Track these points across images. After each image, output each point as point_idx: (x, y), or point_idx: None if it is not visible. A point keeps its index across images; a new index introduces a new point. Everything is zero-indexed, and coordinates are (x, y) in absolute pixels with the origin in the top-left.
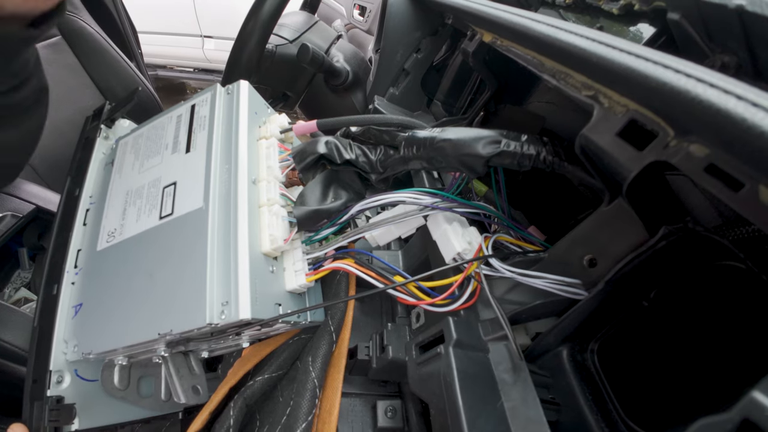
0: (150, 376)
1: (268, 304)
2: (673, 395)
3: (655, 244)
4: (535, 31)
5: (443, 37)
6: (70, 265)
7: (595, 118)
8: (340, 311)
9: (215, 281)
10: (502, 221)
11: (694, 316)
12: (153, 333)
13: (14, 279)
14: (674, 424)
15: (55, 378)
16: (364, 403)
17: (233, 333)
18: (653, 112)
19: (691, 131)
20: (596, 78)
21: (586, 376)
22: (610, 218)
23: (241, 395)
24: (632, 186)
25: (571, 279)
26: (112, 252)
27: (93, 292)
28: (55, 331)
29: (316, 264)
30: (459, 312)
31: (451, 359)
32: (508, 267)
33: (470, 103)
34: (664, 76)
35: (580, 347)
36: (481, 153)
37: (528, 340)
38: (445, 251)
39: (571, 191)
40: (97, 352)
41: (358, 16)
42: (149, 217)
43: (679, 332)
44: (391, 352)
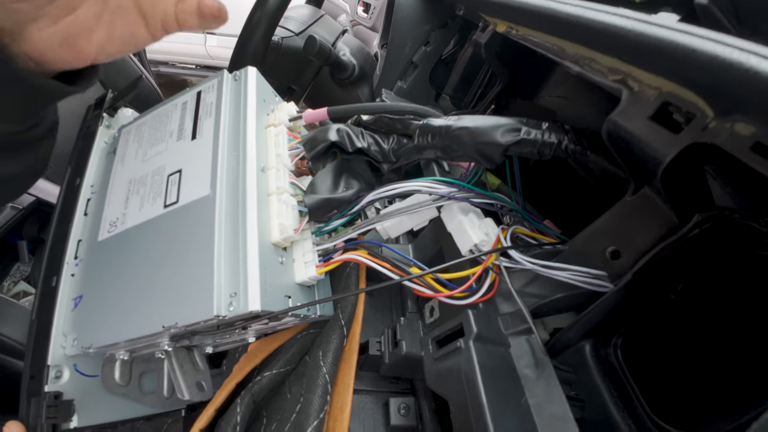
0: (152, 372)
1: (278, 296)
2: (701, 391)
3: (687, 232)
4: (560, 11)
5: (452, 30)
6: (70, 256)
7: (623, 103)
8: (351, 305)
9: (223, 271)
10: (519, 213)
11: (724, 309)
12: (157, 326)
13: (13, 272)
14: (703, 421)
15: (54, 373)
16: (376, 401)
17: (240, 326)
18: (693, 91)
19: (734, 110)
20: (629, 58)
21: (610, 372)
22: (635, 209)
23: (248, 391)
24: (666, 171)
25: (596, 271)
26: (113, 242)
27: (94, 284)
28: (54, 324)
29: (326, 256)
30: (477, 305)
31: (472, 353)
32: (528, 259)
33: (479, 97)
34: (714, 50)
35: (603, 342)
36: (500, 141)
37: (546, 336)
38: (462, 243)
39: (583, 185)
40: (97, 346)
41: (362, 12)
42: (153, 205)
43: (708, 326)
44: (405, 347)
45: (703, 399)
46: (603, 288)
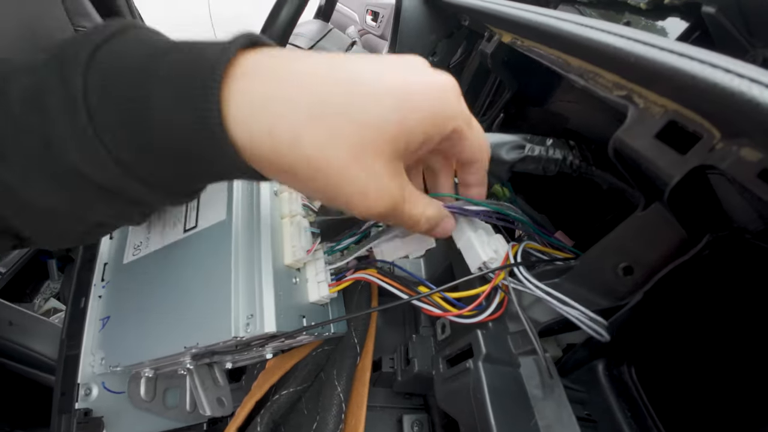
0: (175, 388)
1: (293, 316)
2: (719, 411)
3: (698, 252)
4: (562, 30)
5: (459, 39)
6: (97, 278)
7: (629, 120)
8: (364, 322)
9: (240, 294)
10: (528, 227)
11: (741, 327)
12: (179, 346)
13: (44, 289)
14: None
15: (83, 391)
16: (390, 417)
17: (257, 345)
18: (697, 113)
19: (741, 134)
20: (632, 78)
21: (623, 391)
22: (647, 224)
23: (267, 410)
24: (674, 192)
25: (596, 316)
26: (138, 265)
27: (120, 305)
28: (83, 344)
29: (338, 274)
30: (487, 323)
31: (481, 375)
32: (533, 281)
33: (489, 106)
34: (713, 76)
35: (617, 360)
36: (504, 158)
37: (559, 352)
38: (470, 260)
39: (596, 192)
40: (124, 365)
41: (371, 21)
42: (174, 230)
43: (725, 344)
44: (417, 365)
45: (721, 419)
46: (598, 336)
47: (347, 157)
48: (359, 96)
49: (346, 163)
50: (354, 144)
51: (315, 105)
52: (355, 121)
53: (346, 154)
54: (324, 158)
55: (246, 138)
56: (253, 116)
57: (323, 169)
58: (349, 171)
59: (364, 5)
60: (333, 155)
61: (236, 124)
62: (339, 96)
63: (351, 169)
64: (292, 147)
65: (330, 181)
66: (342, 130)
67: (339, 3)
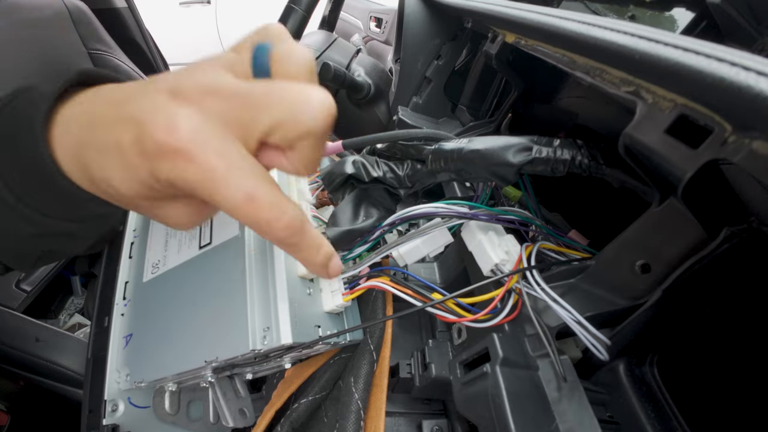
0: (198, 400)
1: (308, 326)
2: (744, 411)
3: (716, 248)
4: (565, 29)
5: (463, 41)
6: (119, 297)
7: (638, 115)
8: (380, 329)
9: (256, 307)
10: (542, 229)
11: (763, 324)
12: (200, 361)
13: (68, 305)
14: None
15: (110, 407)
16: (409, 423)
17: (276, 356)
18: (707, 108)
19: (752, 127)
20: (638, 74)
21: (646, 392)
22: (662, 220)
23: (287, 419)
24: (688, 187)
25: (600, 335)
26: (157, 283)
27: (142, 323)
28: (108, 361)
29: (352, 282)
30: (503, 326)
31: (498, 379)
32: (544, 286)
33: (496, 106)
34: (720, 71)
35: (638, 360)
36: (512, 162)
37: (579, 353)
38: (482, 263)
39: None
40: (148, 380)
41: (374, 27)
42: (190, 247)
43: (747, 341)
44: (434, 370)
45: (747, 419)
46: (597, 353)
47: (128, 193)
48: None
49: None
50: (122, 177)
51: (94, 143)
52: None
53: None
54: (117, 189)
55: (80, 183)
56: (74, 165)
57: (121, 193)
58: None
59: (368, 12)
60: (118, 187)
61: (68, 171)
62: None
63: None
64: (102, 181)
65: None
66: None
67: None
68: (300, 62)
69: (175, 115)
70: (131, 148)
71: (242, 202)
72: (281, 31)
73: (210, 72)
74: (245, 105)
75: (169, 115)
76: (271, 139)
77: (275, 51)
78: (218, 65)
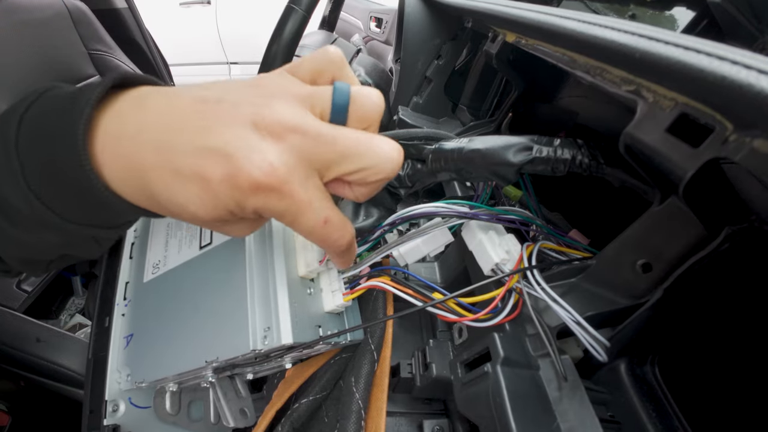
0: (199, 400)
1: (309, 326)
2: (747, 411)
3: (717, 247)
4: (565, 28)
5: (463, 40)
6: (119, 297)
7: (639, 114)
8: (380, 329)
9: (256, 307)
10: (542, 228)
11: (765, 323)
12: (200, 361)
13: (69, 306)
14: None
15: (111, 407)
16: (410, 423)
17: (276, 356)
18: (707, 106)
19: (753, 125)
20: (639, 73)
21: (647, 392)
22: (663, 219)
23: (288, 419)
24: (689, 186)
25: (601, 337)
26: (157, 283)
27: (142, 323)
28: (109, 362)
29: (352, 282)
30: (504, 326)
31: (499, 379)
32: (544, 286)
33: (497, 105)
34: (720, 69)
35: (639, 359)
36: (512, 161)
37: (580, 353)
38: (483, 262)
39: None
40: (149, 381)
41: (375, 28)
42: (190, 247)
43: (749, 341)
44: (435, 370)
45: (748, 418)
46: (596, 354)
47: (206, 217)
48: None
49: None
50: (203, 204)
51: (165, 169)
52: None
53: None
54: (194, 214)
55: (131, 199)
56: (128, 183)
57: (198, 217)
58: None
59: (368, 12)
60: (195, 212)
61: (115, 184)
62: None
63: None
64: (170, 203)
65: (203, 221)
66: (195, 190)
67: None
68: (375, 108)
69: (269, 153)
70: (221, 183)
71: (319, 227)
72: (342, 59)
73: (290, 107)
74: (332, 149)
75: (264, 154)
76: (347, 178)
77: (356, 96)
78: (295, 99)
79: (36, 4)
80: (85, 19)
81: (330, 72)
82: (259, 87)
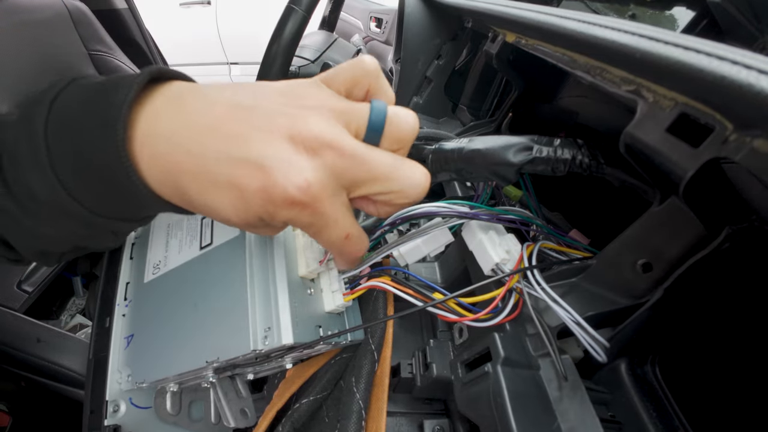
0: (200, 401)
1: (309, 326)
2: (748, 411)
3: (718, 246)
4: (565, 28)
5: (463, 41)
6: (120, 298)
7: (639, 114)
8: (381, 329)
9: (257, 308)
10: (543, 228)
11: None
12: (201, 361)
13: (69, 306)
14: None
15: (111, 408)
16: (410, 423)
17: (277, 356)
18: (708, 106)
19: (753, 125)
20: (639, 73)
21: (648, 391)
22: (664, 219)
23: (288, 419)
24: (689, 185)
25: (600, 337)
26: (158, 283)
27: (143, 323)
28: (110, 362)
29: (352, 282)
30: (504, 326)
31: (500, 378)
32: (544, 286)
33: (497, 105)
34: (720, 69)
35: (640, 359)
36: (512, 161)
37: (580, 352)
38: (483, 262)
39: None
40: (150, 381)
41: (375, 28)
42: (190, 248)
43: (749, 341)
44: (435, 370)
45: (749, 418)
46: (595, 354)
47: (237, 222)
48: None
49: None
50: (235, 211)
51: (201, 174)
52: (234, 194)
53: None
54: (226, 218)
55: (165, 196)
56: (164, 183)
57: (230, 221)
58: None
59: (368, 13)
60: (228, 217)
61: (151, 182)
62: (218, 170)
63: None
64: (204, 206)
65: (233, 224)
66: (229, 197)
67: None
68: (410, 132)
69: (305, 170)
70: (256, 194)
71: (340, 241)
72: (377, 69)
73: (327, 123)
74: (365, 170)
75: (300, 171)
76: (373, 197)
77: (392, 117)
78: (332, 114)
79: (36, 4)
80: (85, 19)
81: (365, 83)
82: (293, 96)
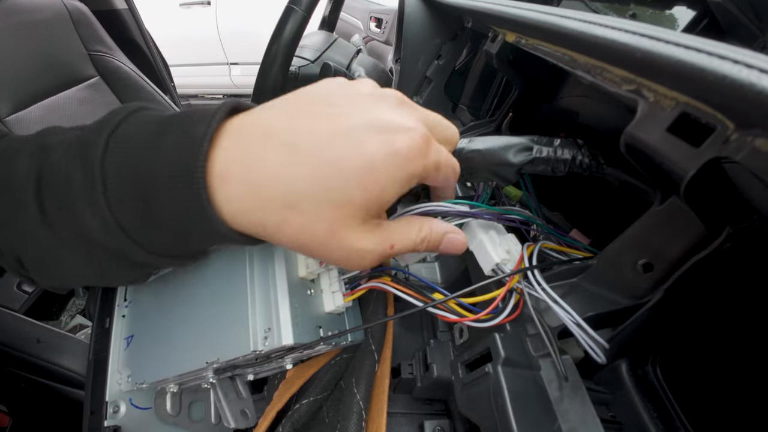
0: (200, 401)
1: (309, 327)
2: (750, 411)
3: (719, 246)
4: (566, 28)
5: (463, 40)
6: (120, 299)
7: (640, 114)
8: (381, 329)
9: (257, 308)
10: (543, 228)
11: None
12: (201, 362)
13: (69, 307)
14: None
15: (111, 408)
16: (411, 423)
17: (277, 357)
18: (709, 105)
19: (754, 124)
20: (640, 73)
21: (649, 392)
22: (664, 218)
23: (288, 419)
24: (690, 185)
25: (600, 338)
26: (158, 284)
27: (142, 324)
28: (110, 363)
29: (353, 283)
30: (504, 326)
31: (500, 379)
32: (544, 286)
33: (497, 105)
34: (722, 68)
35: (641, 359)
36: (512, 161)
37: (581, 353)
38: (483, 262)
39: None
40: (150, 382)
41: (375, 28)
42: None
43: (751, 341)
44: (436, 370)
45: (750, 418)
46: (594, 355)
47: (324, 236)
48: (325, 180)
49: (324, 240)
50: (326, 224)
51: (288, 196)
52: (324, 206)
53: (323, 233)
54: (304, 239)
55: (238, 226)
56: (240, 213)
57: (307, 246)
58: (329, 245)
59: (368, 13)
60: (310, 237)
61: (227, 214)
62: (306, 182)
63: (330, 244)
64: (278, 233)
65: (316, 252)
66: (314, 215)
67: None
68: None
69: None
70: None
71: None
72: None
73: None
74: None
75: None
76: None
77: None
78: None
79: (36, 4)
80: (85, 20)
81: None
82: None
